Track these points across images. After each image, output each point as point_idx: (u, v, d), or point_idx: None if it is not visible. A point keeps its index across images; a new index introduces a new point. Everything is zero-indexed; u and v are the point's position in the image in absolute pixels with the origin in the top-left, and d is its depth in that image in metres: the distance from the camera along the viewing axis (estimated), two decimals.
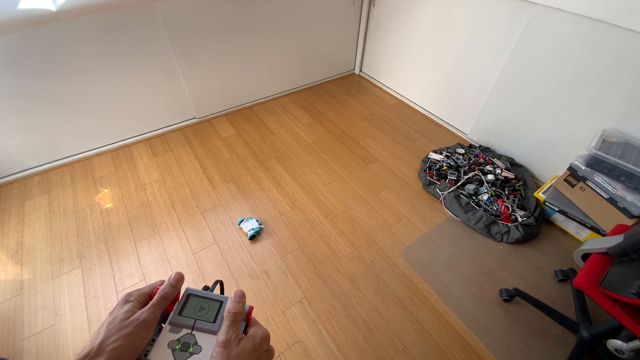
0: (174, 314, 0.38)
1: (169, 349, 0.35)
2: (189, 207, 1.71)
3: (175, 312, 0.38)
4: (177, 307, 0.39)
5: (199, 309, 0.39)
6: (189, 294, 0.40)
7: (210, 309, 0.39)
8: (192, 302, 0.39)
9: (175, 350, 0.35)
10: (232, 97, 2.35)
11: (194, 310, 0.38)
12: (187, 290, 0.40)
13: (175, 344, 0.36)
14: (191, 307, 0.39)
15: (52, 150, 1.89)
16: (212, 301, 0.40)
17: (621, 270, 0.93)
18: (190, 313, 0.38)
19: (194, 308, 0.39)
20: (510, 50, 1.69)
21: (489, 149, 2.01)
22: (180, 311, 0.38)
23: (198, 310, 0.38)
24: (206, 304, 0.39)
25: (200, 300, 0.39)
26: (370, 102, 2.52)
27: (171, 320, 0.37)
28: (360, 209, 1.71)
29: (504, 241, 1.56)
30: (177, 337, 0.36)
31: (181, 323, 0.37)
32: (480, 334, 1.25)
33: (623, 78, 1.33)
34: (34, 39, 1.50)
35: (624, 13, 1.24)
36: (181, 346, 0.35)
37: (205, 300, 0.39)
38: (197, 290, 0.40)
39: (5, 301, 1.33)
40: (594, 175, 1.37)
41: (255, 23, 2.07)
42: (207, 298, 0.40)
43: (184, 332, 0.37)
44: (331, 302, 1.34)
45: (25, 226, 1.60)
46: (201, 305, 0.39)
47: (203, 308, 0.39)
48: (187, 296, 0.40)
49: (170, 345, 0.35)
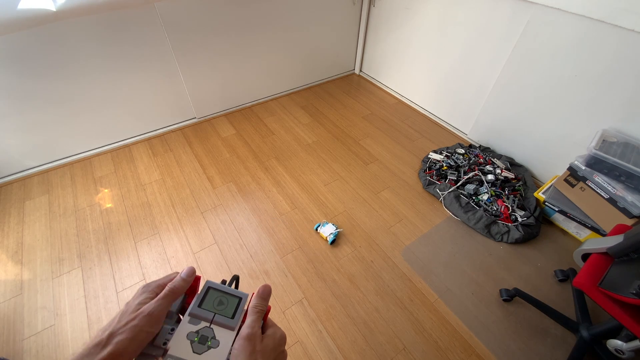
0: (194, 306, 0.38)
1: (188, 340, 0.35)
2: (189, 207, 1.71)
3: (195, 304, 0.38)
4: (197, 300, 0.39)
5: (218, 303, 0.39)
6: (209, 287, 0.40)
7: (229, 305, 0.39)
8: (211, 296, 0.39)
9: (193, 342, 0.35)
10: (232, 97, 2.35)
11: (213, 304, 0.39)
12: (207, 283, 0.40)
13: (194, 335, 0.36)
14: (210, 300, 0.39)
15: (52, 150, 1.89)
16: (231, 297, 0.40)
17: (621, 270, 0.93)
18: (209, 306, 0.38)
19: (213, 302, 0.39)
20: (510, 50, 1.69)
21: (489, 149, 2.01)
22: (200, 303, 0.38)
23: (217, 305, 0.39)
24: (225, 299, 0.39)
25: (220, 295, 0.39)
26: (370, 102, 2.52)
27: (191, 312, 0.37)
28: (360, 209, 1.71)
29: (504, 241, 1.56)
30: (195, 329, 0.36)
31: (201, 315, 0.37)
32: (480, 334, 1.25)
33: (623, 78, 1.33)
34: (34, 39, 1.50)
35: (624, 13, 1.24)
36: (199, 339, 0.36)
37: (224, 295, 0.40)
38: (217, 284, 0.40)
39: (5, 301, 1.33)
40: (594, 175, 1.37)
41: (255, 23, 2.07)
42: (227, 293, 0.40)
43: (202, 325, 0.37)
44: (331, 302, 1.34)
45: (25, 226, 1.60)
46: (220, 300, 0.39)
47: (222, 302, 0.39)
48: (207, 289, 0.40)
49: (190, 336, 0.36)
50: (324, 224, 1.59)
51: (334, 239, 1.54)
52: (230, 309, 0.38)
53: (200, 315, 0.37)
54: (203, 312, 0.37)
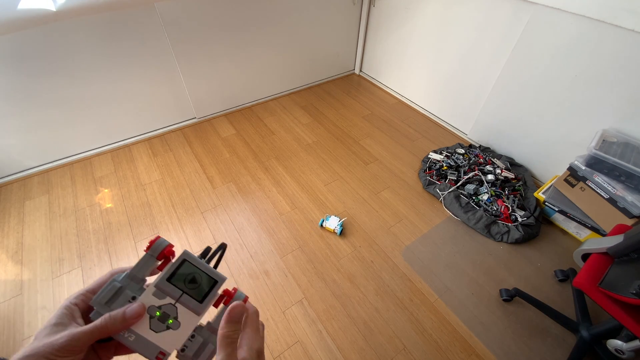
0: (162, 279, 0.34)
1: (147, 314, 0.32)
2: (189, 207, 1.71)
3: (165, 276, 0.34)
4: (168, 271, 0.34)
5: (190, 280, 0.35)
6: (184, 259, 0.35)
7: (202, 285, 0.35)
8: (185, 269, 0.35)
9: (153, 318, 0.32)
10: (232, 97, 2.35)
11: (185, 280, 0.35)
12: (183, 254, 0.36)
13: (155, 310, 0.33)
14: (182, 275, 0.35)
15: (52, 150, 1.89)
16: (207, 277, 0.35)
17: (621, 270, 0.93)
18: (179, 282, 0.34)
19: (185, 278, 0.35)
20: (510, 50, 1.69)
21: (489, 149, 2.01)
22: (170, 277, 0.34)
23: (189, 282, 0.35)
24: (199, 277, 0.35)
25: (194, 270, 0.35)
26: (370, 102, 2.52)
27: (158, 284, 0.34)
28: (360, 209, 1.71)
29: (504, 241, 1.56)
30: (159, 303, 0.33)
31: (167, 291, 0.34)
32: (480, 334, 1.25)
33: (623, 78, 1.33)
34: (34, 39, 1.50)
35: (624, 13, 1.24)
36: (160, 315, 0.33)
37: (199, 272, 0.35)
38: (194, 258, 0.36)
39: (5, 301, 1.33)
40: (594, 175, 1.37)
41: (255, 23, 2.07)
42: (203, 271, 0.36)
43: (167, 301, 0.33)
44: (331, 302, 1.34)
45: (25, 226, 1.60)
46: (193, 277, 0.35)
47: (195, 281, 0.35)
48: (182, 261, 0.35)
49: (150, 310, 0.33)
50: (327, 218, 1.61)
51: (341, 229, 1.58)
52: (201, 291, 0.34)
53: (167, 291, 0.34)
54: (171, 288, 0.34)
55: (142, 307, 0.32)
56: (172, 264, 0.35)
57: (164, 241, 0.36)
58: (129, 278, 0.34)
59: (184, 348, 0.32)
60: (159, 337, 0.32)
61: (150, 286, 0.34)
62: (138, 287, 0.34)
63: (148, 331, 0.32)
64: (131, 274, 0.34)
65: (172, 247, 0.37)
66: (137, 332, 0.31)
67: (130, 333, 0.31)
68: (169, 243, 0.36)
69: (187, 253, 0.36)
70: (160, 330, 0.32)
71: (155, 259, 0.35)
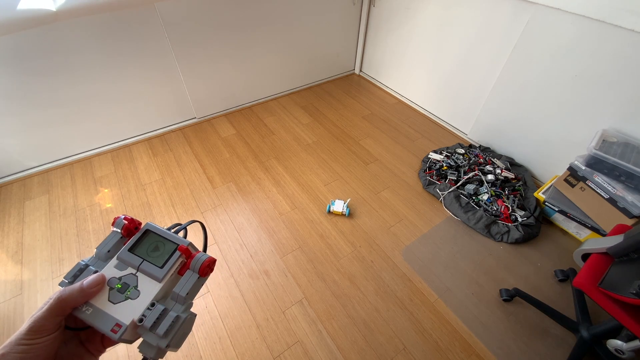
0: (124, 249, 0.34)
1: (107, 286, 0.32)
2: (189, 207, 1.71)
3: (127, 247, 0.34)
4: (131, 242, 0.34)
5: (153, 248, 0.34)
6: (146, 229, 0.35)
7: (164, 252, 0.34)
8: (148, 240, 0.35)
9: (112, 289, 0.32)
10: (232, 97, 2.35)
11: (147, 249, 0.34)
12: (146, 226, 0.36)
13: (116, 282, 0.32)
14: (146, 245, 0.35)
15: (52, 150, 1.89)
16: (169, 242, 0.35)
17: (621, 270, 0.93)
18: (142, 252, 0.34)
19: (148, 247, 0.34)
20: (510, 50, 1.69)
21: (489, 149, 2.01)
22: (133, 247, 0.34)
23: (151, 250, 0.34)
24: (162, 245, 0.35)
25: (157, 240, 0.35)
26: (370, 102, 2.52)
27: (119, 256, 0.33)
28: (360, 209, 1.71)
29: (504, 241, 1.56)
30: (119, 274, 0.32)
31: (128, 261, 0.33)
32: (480, 334, 1.25)
33: (623, 78, 1.33)
34: (34, 39, 1.50)
35: (624, 13, 1.24)
36: (121, 286, 0.32)
37: (162, 241, 0.35)
38: (158, 228, 0.36)
39: (5, 301, 1.33)
40: (594, 175, 1.37)
41: (255, 23, 2.07)
42: (165, 239, 0.35)
43: (128, 272, 0.33)
44: (331, 302, 1.34)
45: (25, 226, 1.60)
46: (156, 245, 0.35)
47: (157, 249, 0.34)
48: (144, 231, 0.35)
49: (111, 282, 0.32)
50: (332, 203, 1.66)
51: (348, 210, 1.65)
52: (163, 257, 0.34)
53: (128, 261, 0.33)
54: (132, 258, 0.33)
55: (101, 277, 0.32)
56: (135, 236, 0.35)
57: (127, 217, 0.36)
58: (95, 257, 0.34)
59: (141, 318, 0.31)
60: (116, 309, 0.31)
61: (114, 258, 0.34)
62: (104, 264, 0.34)
63: (106, 303, 0.31)
64: (97, 252, 0.34)
65: (139, 223, 0.37)
66: (95, 305, 0.30)
67: (88, 306, 0.30)
68: (132, 218, 0.36)
69: (150, 224, 0.36)
70: (119, 301, 0.31)
71: (121, 235, 0.35)
